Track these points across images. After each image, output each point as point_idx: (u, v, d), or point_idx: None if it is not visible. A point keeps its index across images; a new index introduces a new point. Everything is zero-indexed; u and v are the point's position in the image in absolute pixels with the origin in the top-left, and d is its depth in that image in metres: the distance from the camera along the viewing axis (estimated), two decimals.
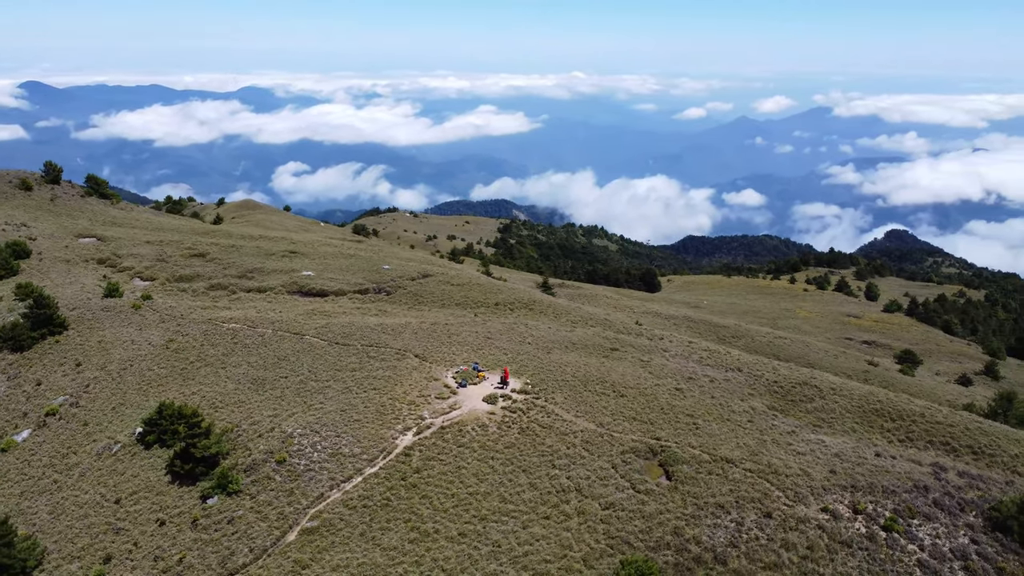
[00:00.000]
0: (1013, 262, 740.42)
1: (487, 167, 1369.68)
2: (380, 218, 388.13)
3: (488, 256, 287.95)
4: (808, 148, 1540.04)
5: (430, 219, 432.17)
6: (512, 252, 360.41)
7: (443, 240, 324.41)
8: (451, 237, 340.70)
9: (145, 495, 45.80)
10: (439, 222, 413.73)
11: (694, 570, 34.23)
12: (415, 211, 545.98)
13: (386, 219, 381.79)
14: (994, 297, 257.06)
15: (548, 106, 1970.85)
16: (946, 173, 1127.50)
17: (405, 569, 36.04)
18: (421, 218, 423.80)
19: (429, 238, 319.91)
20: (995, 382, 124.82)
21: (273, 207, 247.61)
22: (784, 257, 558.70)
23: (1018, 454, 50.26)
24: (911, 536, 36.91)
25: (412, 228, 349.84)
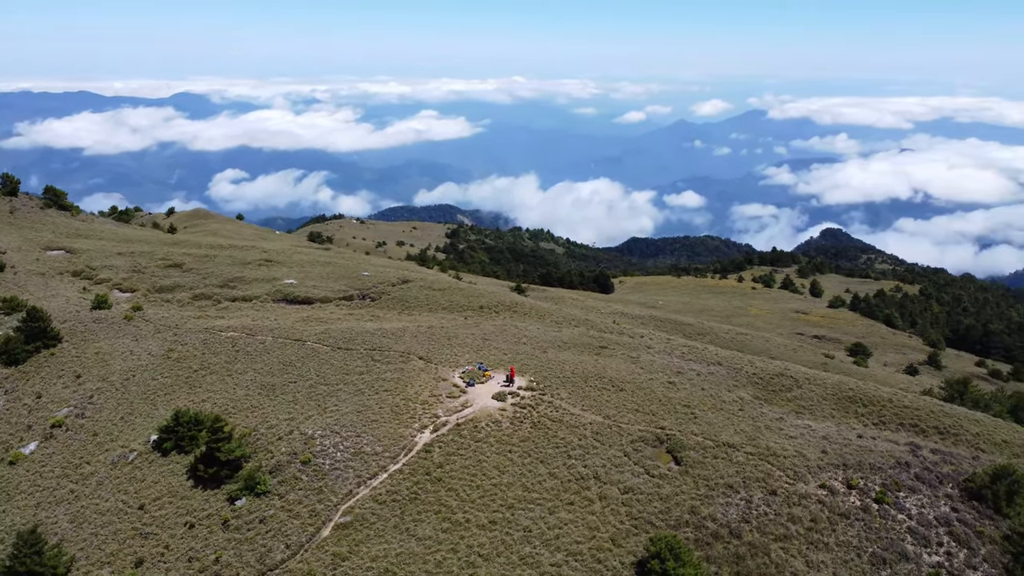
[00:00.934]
0: (940, 257, 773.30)
1: (430, 172, 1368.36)
2: (326, 225, 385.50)
3: (442, 261, 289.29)
4: (745, 150, 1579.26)
5: (377, 225, 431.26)
6: (464, 257, 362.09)
7: (392, 246, 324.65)
8: (400, 243, 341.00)
9: (169, 500, 47.02)
10: (386, 228, 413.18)
11: (712, 544, 37.49)
12: (361, 217, 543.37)
13: (332, 226, 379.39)
14: (928, 291, 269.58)
15: (490, 110, 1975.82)
16: (876, 173, 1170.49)
17: (443, 556, 38.39)
18: (368, 224, 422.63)
19: (379, 244, 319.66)
20: (938, 371, 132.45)
21: (226, 216, 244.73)
22: (725, 257, 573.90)
23: (979, 433, 55.10)
24: (900, 507, 40.90)
25: (360, 235, 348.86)
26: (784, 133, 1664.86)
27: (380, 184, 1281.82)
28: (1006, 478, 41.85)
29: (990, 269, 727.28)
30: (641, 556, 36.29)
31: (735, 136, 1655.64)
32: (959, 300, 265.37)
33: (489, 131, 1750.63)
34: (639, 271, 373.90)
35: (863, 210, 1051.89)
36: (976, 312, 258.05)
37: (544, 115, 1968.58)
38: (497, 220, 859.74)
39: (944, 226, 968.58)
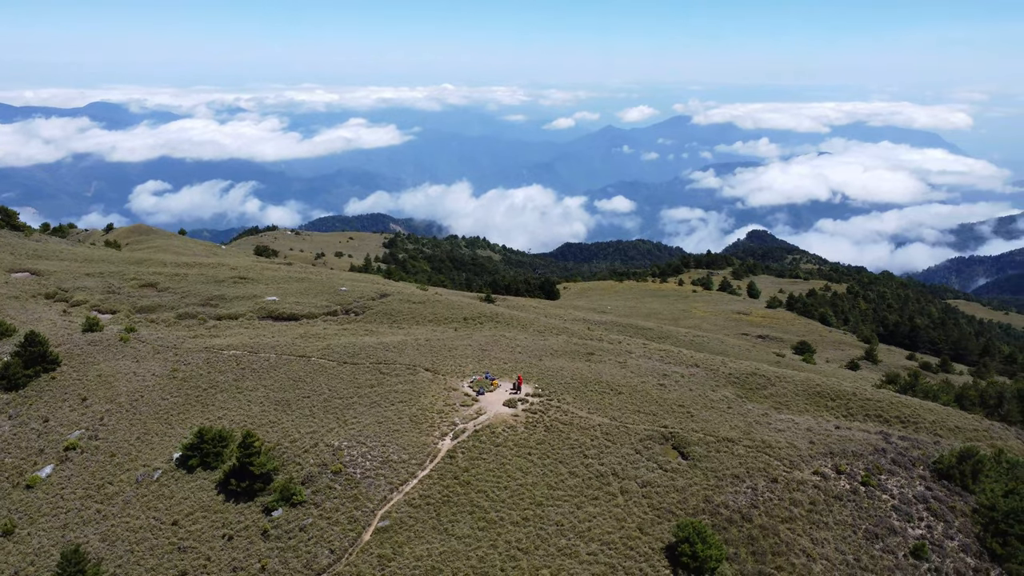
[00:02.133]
0: (859, 256, 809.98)
1: (361, 181, 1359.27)
2: (261, 237, 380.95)
3: (388, 271, 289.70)
4: (672, 155, 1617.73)
5: (312, 236, 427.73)
6: (405, 267, 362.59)
7: (331, 257, 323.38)
8: (339, 254, 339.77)
9: (203, 514, 48.93)
10: (322, 239, 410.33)
11: (728, 528, 41.91)
12: (296, 229, 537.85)
13: (267, 238, 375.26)
14: (855, 290, 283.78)
15: (420, 118, 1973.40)
16: (796, 176, 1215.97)
17: (484, 552, 41.74)
18: (303, 236, 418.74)
19: (318, 256, 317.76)
20: (875, 365, 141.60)
21: (168, 231, 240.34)
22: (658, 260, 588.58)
23: (934, 420, 61.33)
24: (883, 488, 46.18)
25: (296, 246, 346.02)
26: (709, 138, 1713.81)
27: (310, 194, 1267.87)
28: (970, 459, 47.62)
29: (905, 266, 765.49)
30: (669, 541, 40.44)
31: (662, 141, 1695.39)
32: (884, 297, 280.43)
33: (420, 139, 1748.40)
34: (580, 276, 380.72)
35: (786, 212, 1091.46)
36: (900, 308, 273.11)
37: (475, 122, 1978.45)
38: (431, 228, 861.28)
39: (861, 226, 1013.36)
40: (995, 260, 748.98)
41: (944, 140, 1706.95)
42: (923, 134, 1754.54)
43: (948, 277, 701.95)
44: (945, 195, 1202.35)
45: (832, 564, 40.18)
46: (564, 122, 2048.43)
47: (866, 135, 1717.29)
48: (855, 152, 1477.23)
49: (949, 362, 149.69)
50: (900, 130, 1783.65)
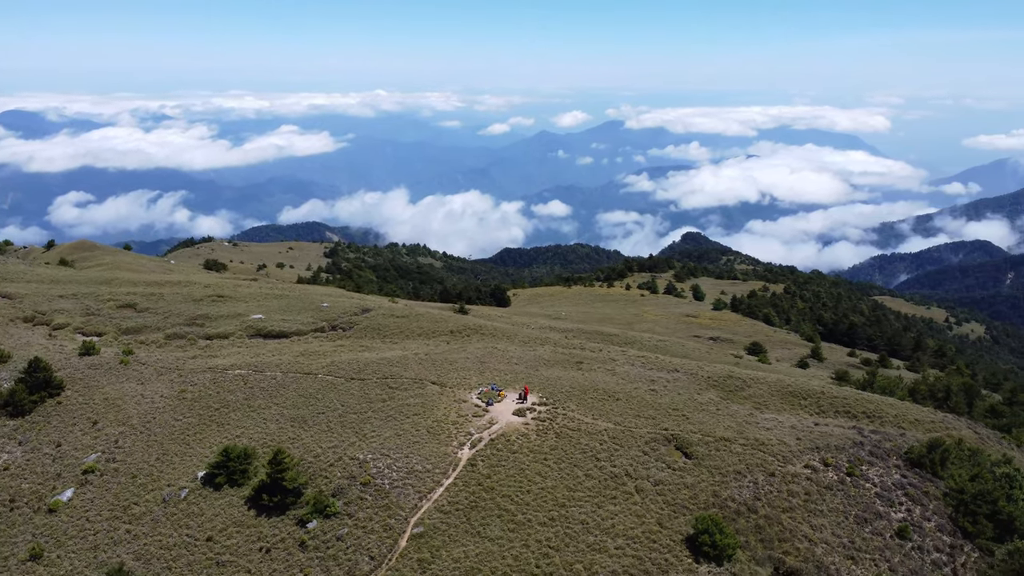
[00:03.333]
0: (788, 255, 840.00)
1: (294, 189, 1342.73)
2: (198, 249, 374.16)
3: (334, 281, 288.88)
4: (606, 159, 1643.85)
5: (250, 247, 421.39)
6: (351, 276, 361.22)
7: (273, 269, 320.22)
8: (280, 265, 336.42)
9: (236, 529, 51.15)
10: (261, 250, 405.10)
11: (737, 519, 46.54)
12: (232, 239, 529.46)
13: (204, 249, 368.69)
14: (792, 290, 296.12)
15: (353, 125, 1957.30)
16: (727, 178, 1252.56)
17: (518, 551, 45.33)
18: (241, 247, 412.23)
19: (259, 267, 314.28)
20: (821, 363, 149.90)
21: (113, 247, 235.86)
22: (596, 263, 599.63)
23: (896, 414, 67.54)
24: (866, 477, 51.60)
25: (235, 258, 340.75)
26: (641, 142, 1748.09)
27: (241, 203, 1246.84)
28: (938, 448, 53.50)
29: (832, 264, 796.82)
30: (688, 533, 44.80)
31: (596, 146, 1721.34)
32: (819, 296, 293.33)
33: (354, 146, 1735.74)
34: (523, 282, 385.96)
35: (719, 213, 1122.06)
36: (834, 307, 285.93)
37: (409, 128, 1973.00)
38: (367, 236, 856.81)
39: (790, 226, 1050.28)
40: (915, 257, 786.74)
41: (864, 142, 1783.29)
42: (844, 137, 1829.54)
43: (872, 274, 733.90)
44: (867, 195, 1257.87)
45: (831, 547, 45.18)
46: (499, 128, 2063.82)
47: (791, 138, 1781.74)
48: (782, 155, 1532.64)
49: (887, 358, 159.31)
50: (823, 133, 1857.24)
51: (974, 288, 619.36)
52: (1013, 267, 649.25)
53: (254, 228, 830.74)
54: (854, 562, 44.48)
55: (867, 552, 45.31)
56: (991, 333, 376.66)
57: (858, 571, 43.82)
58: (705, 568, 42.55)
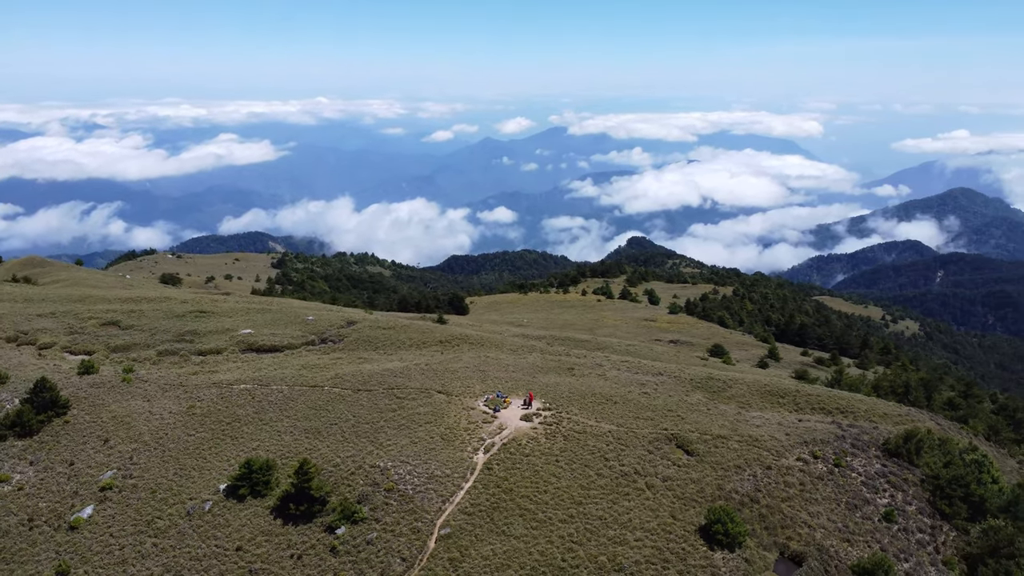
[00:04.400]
0: (731, 258, 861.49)
1: (234, 199, 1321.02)
2: (140, 261, 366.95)
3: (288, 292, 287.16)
4: (550, 165, 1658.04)
5: (195, 259, 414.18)
6: (304, 287, 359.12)
7: (221, 280, 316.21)
8: (228, 277, 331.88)
9: (265, 538, 53.13)
10: (206, 262, 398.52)
11: (742, 510, 50.61)
12: (175, 251, 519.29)
13: (147, 262, 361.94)
14: (740, 292, 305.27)
15: (294, 132, 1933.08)
16: (669, 183, 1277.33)
17: (543, 547, 48.55)
18: (186, 259, 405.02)
19: (208, 280, 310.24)
20: (778, 363, 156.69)
21: (65, 263, 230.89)
22: (544, 269, 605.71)
23: (866, 409, 72.79)
24: (851, 468, 56.34)
25: (180, 270, 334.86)
26: (585, 148, 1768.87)
27: (179, 213, 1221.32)
28: (913, 439, 58.60)
29: (772, 265, 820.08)
30: (701, 524, 48.65)
31: (540, 152, 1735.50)
32: (766, 298, 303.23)
33: (295, 154, 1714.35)
34: (481, 289, 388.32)
35: (663, 218, 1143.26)
36: (781, 308, 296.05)
37: (352, 136, 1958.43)
38: (312, 245, 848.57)
39: (731, 229, 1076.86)
40: (850, 257, 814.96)
41: (800, 147, 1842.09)
42: (781, 142, 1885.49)
43: (810, 274, 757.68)
44: (803, 198, 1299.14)
45: (828, 531, 49.62)
46: (443, 135, 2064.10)
47: (730, 143, 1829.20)
48: (722, 159, 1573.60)
49: (838, 356, 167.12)
50: (760, 138, 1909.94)
51: (907, 286, 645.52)
52: (942, 266, 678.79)
53: (194, 239, 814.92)
54: (850, 544, 48.98)
55: (860, 535, 49.88)
56: (924, 330, 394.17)
57: (854, 552, 48.30)
58: (719, 555, 46.44)
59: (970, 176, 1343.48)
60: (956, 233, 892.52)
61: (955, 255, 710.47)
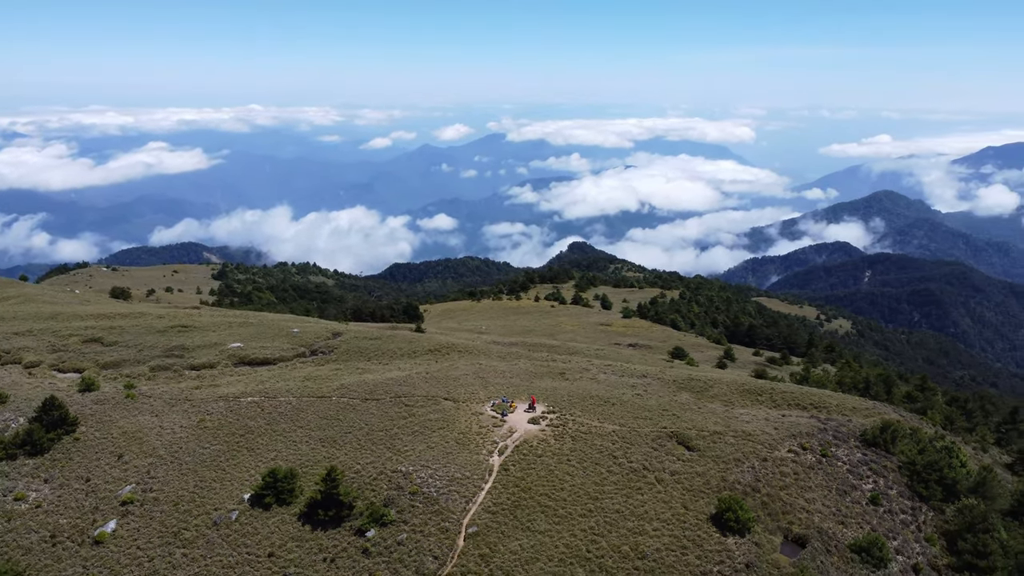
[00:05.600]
0: (669, 261, 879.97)
1: (166, 209, 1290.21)
2: (75, 275, 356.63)
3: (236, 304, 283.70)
4: (489, 171, 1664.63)
5: (131, 272, 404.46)
6: (251, 298, 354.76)
7: (162, 293, 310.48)
8: (168, 289, 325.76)
9: (296, 544, 55.28)
10: (143, 275, 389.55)
11: (745, 498, 55.07)
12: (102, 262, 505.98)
13: (82, 276, 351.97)
14: (686, 295, 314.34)
15: (228, 140, 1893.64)
16: (607, 188, 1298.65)
17: (567, 540, 52.10)
18: (122, 271, 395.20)
19: (149, 292, 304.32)
20: (734, 363, 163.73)
21: (8, 279, 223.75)
22: (487, 276, 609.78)
23: (837, 404, 78.50)
24: (836, 457, 61.55)
25: (117, 283, 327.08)
26: (523, 154, 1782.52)
27: (107, 224, 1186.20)
28: (888, 429, 64.23)
29: (709, 268, 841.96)
30: (712, 512, 52.93)
31: (479, 158, 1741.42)
32: (711, 300, 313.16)
33: (229, 162, 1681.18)
34: (422, 297, 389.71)
35: (602, 223, 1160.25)
36: (726, 310, 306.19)
37: (287, 143, 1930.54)
38: (248, 255, 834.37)
39: (668, 233, 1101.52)
40: (783, 259, 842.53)
41: (732, 152, 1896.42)
42: (714, 147, 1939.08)
43: (746, 276, 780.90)
44: (737, 202, 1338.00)
45: (824, 515, 54.52)
46: (381, 142, 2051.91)
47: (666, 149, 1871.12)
48: (658, 165, 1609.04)
49: (788, 355, 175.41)
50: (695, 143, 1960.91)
51: (837, 286, 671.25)
52: (870, 266, 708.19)
53: (124, 251, 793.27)
54: (844, 526, 53.98)
55: (852, 517, 54.94)
56: (857, 328, 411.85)
57: (848, 533, 53.30)
58: (732, 540, 50.77)
59: (893, 179, 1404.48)
60: (882, 234, 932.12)
61: (881, 255, 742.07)
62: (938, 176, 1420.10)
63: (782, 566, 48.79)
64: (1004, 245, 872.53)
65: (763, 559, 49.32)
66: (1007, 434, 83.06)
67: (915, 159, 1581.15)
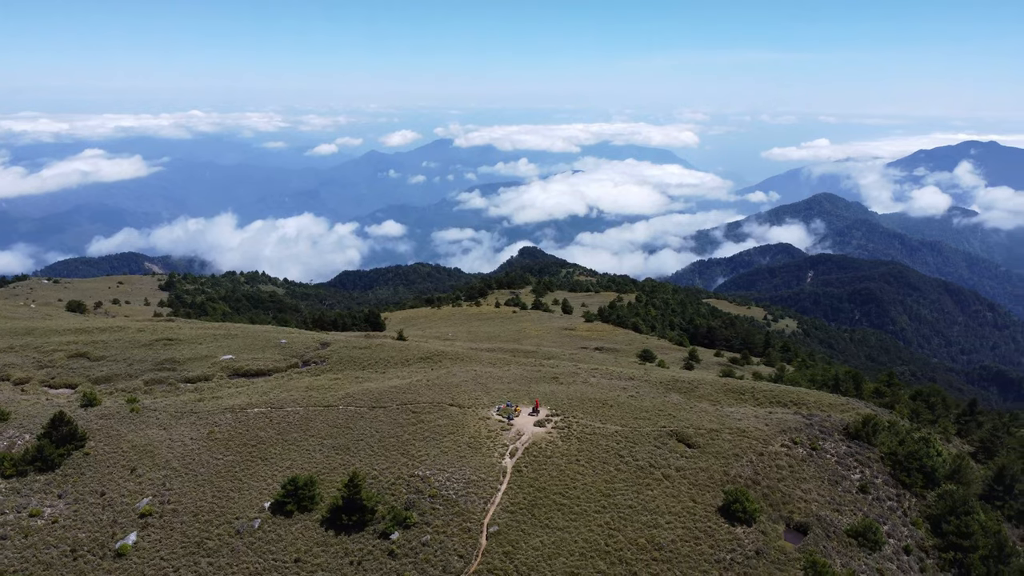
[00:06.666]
0: (619, 265, 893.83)
1: (104, 218, 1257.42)
2: (14, 288, 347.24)
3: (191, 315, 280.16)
4: (437, 177, 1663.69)
5: (74, 284, 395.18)
6: (205, 309, 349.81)
7: (110, 306, 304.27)
8: (115, 301, 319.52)
9: (320, 549, 57.02)
10: (87, 287, 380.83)
11: (748, 491, 58.86)
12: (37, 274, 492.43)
13: (22, 288, 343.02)
14: (642, 298, 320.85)
15: (168, 147, 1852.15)
16: (556, 193, 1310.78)
17: (586, 535, 55.08)
18: (64, 283, 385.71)
19: (96, 305, 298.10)
20: (698, 363, 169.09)
21: None
22: (439, 282, 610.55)
23: (814, 401, 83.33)
24: (824, 450, 65.90)
25: (60, 296, 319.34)
26: (471, 160, 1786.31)
27: (41, 235, 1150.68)
28: (869, 423, 68.92)
29: (657, 271, 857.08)
30: (719, 504, 56.54)
31: (427, 164, 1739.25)
32: (667, 303, 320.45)
33: (169, 170, 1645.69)
34: (393, 305, 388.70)
35: (552, 227, 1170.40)
36: (682, 312, 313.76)
37: (229, 150, 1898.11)
38: (192, 265, 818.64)
39: (616, 237, 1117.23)
40: (729, 261, 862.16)
41: (677, 156, 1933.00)
42: (660, 151, 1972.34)
43: (693, 278, 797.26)
44: (683, 205, 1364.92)
45: (820, 504, 58.64)
46: (326, 148, 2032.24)
47: (612, 153, 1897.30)
48: (605, 169, 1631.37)
49: (749, 355, 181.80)
50: (640, 148, 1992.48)
51: (781, 287, 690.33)
52: (812, 266, 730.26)
53: (61, 262, 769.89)
54: (839, 513, 58.17)
55: (845, 505, 59.19)
56: (802, 327, 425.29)
57: (844, 519, 57.50)
58: (740, 529, 54.44)
59: (832, 182, 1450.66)
60: (822, 235, 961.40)
61: (823, 256, 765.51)
62: (874, 179, 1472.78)
63: (788, 552, 52.62)
64: (937, 245, 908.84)
65: (770, 546, 53.10)
66: (967, 425, 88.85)
67: (852, 162, 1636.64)
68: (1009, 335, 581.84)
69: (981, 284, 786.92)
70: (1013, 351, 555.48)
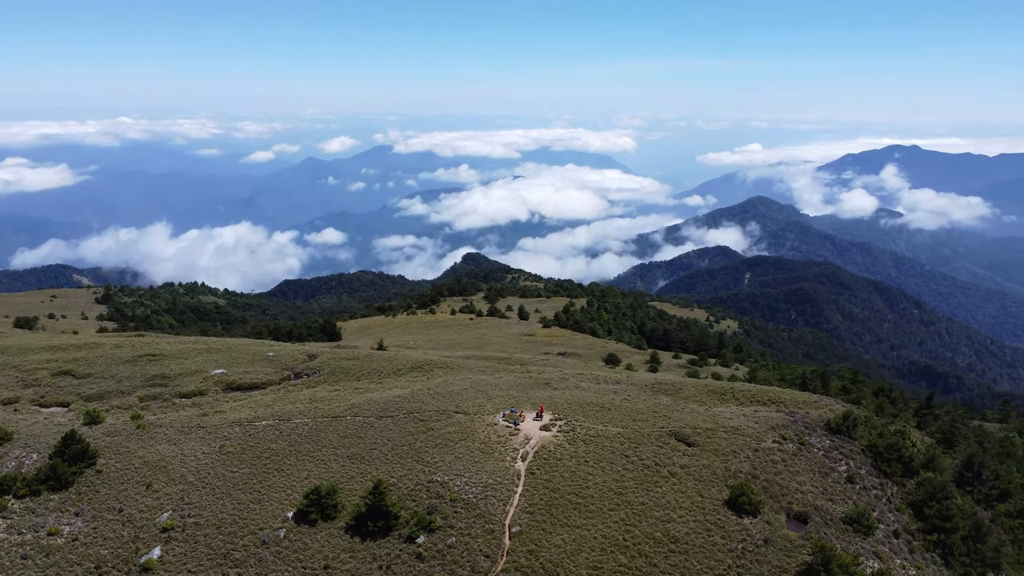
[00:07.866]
0: (562, 269, 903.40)
1: (28, 229, 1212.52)
2: None
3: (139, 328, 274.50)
4: (377, 184, 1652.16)
5: (3, 298, 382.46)
6: (150, 323, 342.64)
7: (46, 320, 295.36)
8: (51, 316, 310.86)
9: (348, 555, 59.01)
10: (19, 301, 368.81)
11: (750, 485, 63.14)
12: None
13: None
14: (594, 303, 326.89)
15: (95, 155, 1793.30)
16: (497, 199, 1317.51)
17: (604, 531, 58.47)
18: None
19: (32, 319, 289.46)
20: (660, 366, 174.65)
21: None
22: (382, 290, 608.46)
23: (790, 399, 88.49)
24: (811, 445, 70.80)
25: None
26: (411, 166, 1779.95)
27: None
28: (849, 418, 74.17)
29: (600, 275, 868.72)
30: (726, 498, 60.62)
31: (366, 171, 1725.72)
32: (618, 307, 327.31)
33: (97, 178, 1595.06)
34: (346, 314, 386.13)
35: (495, 233, 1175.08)
36: (632, 315, 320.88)
37: (160, 157, 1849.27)
38: (124, 276, 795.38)
39: (559, 241, 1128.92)
40: (669, 264, 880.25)
41: (616, 161, 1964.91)
42: (599, 157, 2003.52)
43: (635, 281, 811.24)
44: (623, 210, 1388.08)
45: (815, 494, 63.33)
46: (262, 155, 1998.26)
47: (552, 159, 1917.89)
48: (545, 175, 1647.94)
49: (706, 357, 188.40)
50: (580, 153, 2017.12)
51: (720, 288, 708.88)
52: (749, 268, 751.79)
53: None
54: (832, 502, 62.93)
55: (836, 495, 64.01)
56: (743, 327, 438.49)
57: (837, 508, 62.26)
58: (747, 520, 58.63)
59: (766, 186, 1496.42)
60: (758, 238, 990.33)
61: (759, 258, 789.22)
62: (805, 182, 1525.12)
63: (793, 539, 57.01)
64: (866, 245, 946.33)
65: (776, 534, 57.41)
66: (924, 418, 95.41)
67: (784, 166, 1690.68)
68: (935, 331, 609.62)
69: (907, 282, 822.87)
70: (939, 346, 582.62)
